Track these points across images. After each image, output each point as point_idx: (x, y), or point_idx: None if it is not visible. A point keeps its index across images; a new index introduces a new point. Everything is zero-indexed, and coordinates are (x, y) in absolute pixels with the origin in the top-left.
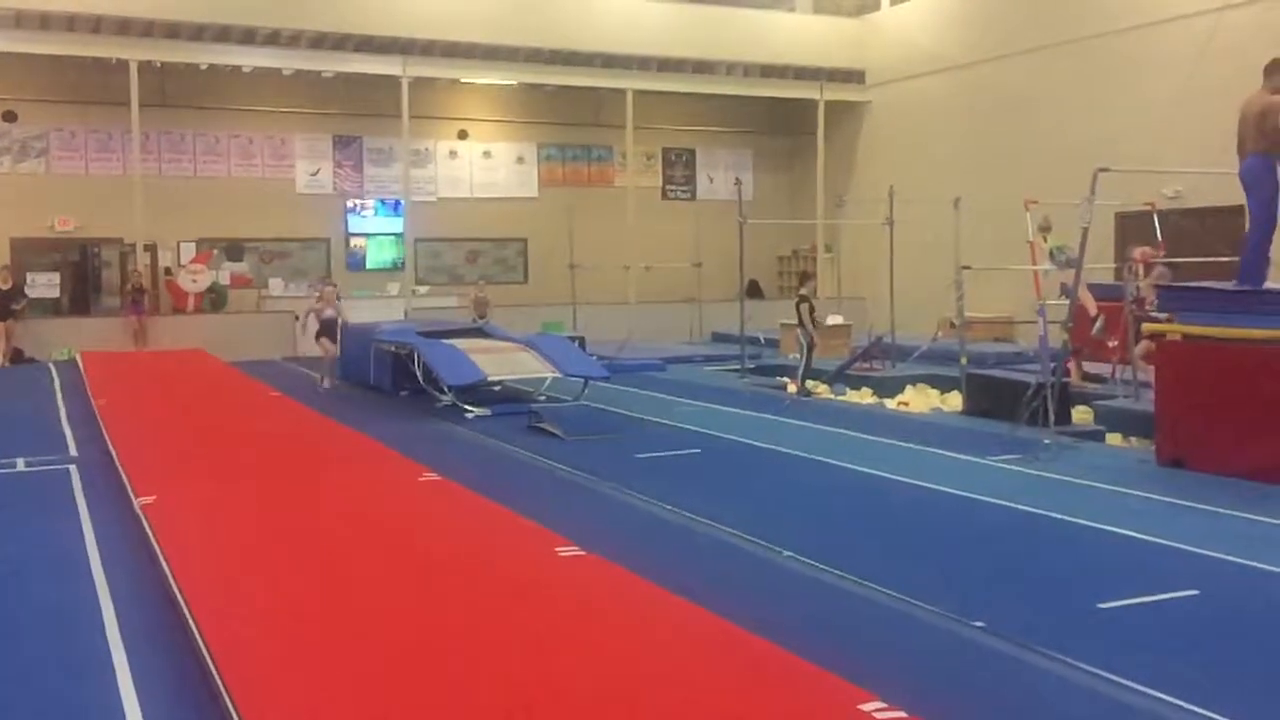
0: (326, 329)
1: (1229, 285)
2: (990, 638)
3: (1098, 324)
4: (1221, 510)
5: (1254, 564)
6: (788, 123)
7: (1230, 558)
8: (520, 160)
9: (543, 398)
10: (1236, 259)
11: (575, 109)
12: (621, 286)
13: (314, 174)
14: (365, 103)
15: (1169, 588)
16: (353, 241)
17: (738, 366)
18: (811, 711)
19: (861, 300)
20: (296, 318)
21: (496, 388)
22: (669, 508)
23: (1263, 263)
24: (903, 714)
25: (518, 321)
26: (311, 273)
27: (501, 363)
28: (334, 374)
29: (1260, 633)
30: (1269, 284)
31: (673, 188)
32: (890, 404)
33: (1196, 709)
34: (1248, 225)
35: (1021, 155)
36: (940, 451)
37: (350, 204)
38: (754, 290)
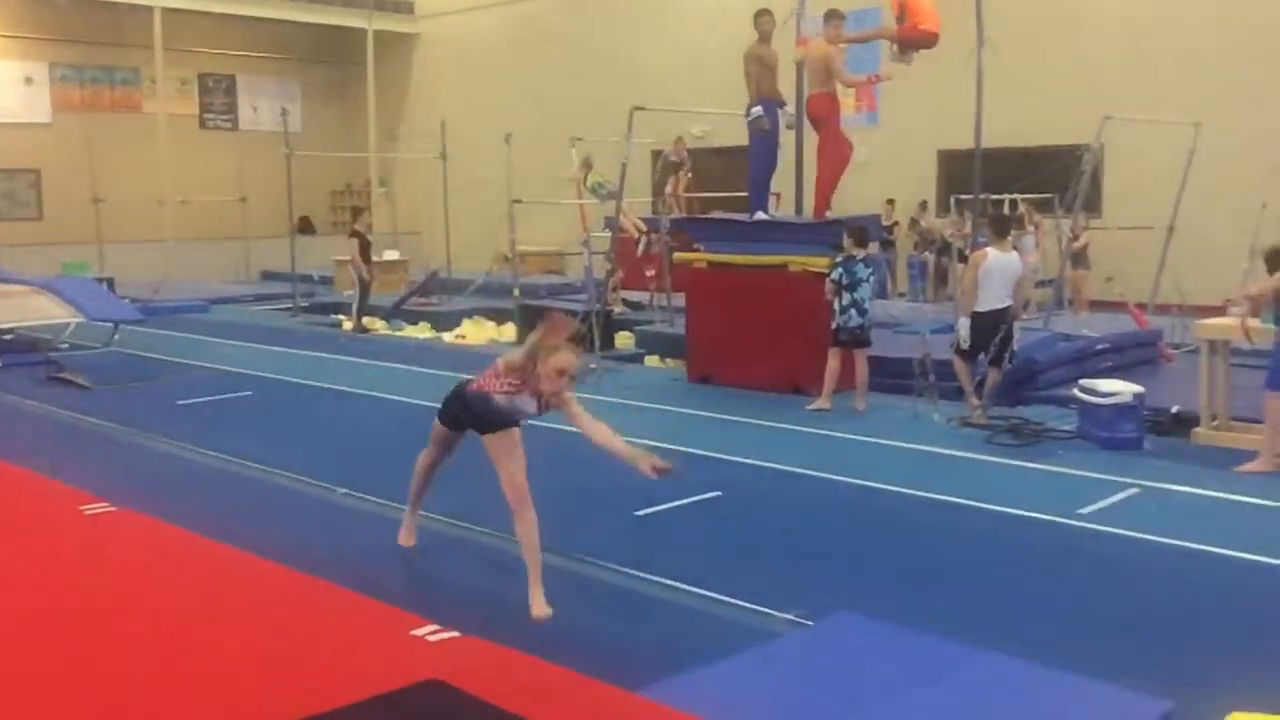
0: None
1: (743, 216)
2: (545, 554)
3: (642, 243)
4: (740, 419)
5: (766, 464)
6: (337, 52)
7: (746, 460)
8: (29, 81)
9: (65, 345)
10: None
11: (93, 26)
12: (156, 223)
13: None
14: None
15: (696, 492)
16: None
17: (290, 305)
18: (363, 642)
19: (418, 235)
20: None
21: (7, 336)
22: (215, 454)
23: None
24: (455, 634)
25: (32, 263)
26: None
27: (11, 308)
28: None
29: (771, 521)
30: (765, 215)
31: (212, 116)
32: (448, 337)
33: (722, 597)
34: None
35: (569, 93)
36: None
37: None
38: (306, 226)
